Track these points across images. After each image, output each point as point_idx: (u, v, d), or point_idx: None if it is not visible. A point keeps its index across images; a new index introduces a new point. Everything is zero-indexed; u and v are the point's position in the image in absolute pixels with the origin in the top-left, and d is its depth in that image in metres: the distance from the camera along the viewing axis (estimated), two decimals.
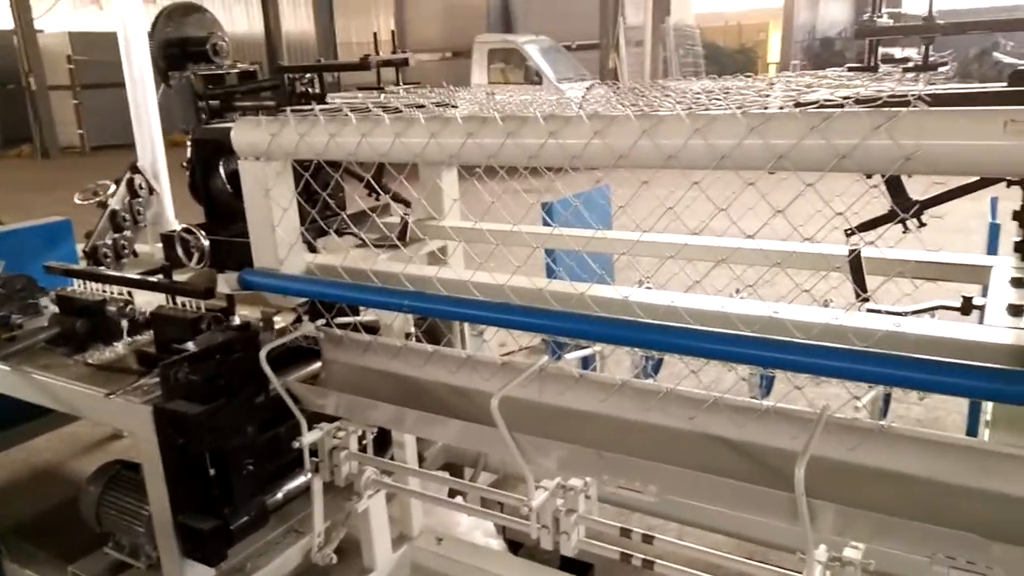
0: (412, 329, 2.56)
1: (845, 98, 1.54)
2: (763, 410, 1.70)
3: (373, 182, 2.62)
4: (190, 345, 2.25)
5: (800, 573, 1.62)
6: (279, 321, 2.66)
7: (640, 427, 1.85)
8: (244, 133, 2.29)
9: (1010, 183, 1.75)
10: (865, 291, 1.92)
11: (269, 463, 2.37)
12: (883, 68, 1.81)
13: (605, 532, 1.96)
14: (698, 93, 1.96)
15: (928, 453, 1.56)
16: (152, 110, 4.01)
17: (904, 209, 1.81)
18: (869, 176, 1.70)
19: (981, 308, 1.84)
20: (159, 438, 2.20)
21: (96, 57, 20.15)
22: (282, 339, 2.28)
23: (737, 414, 1.74)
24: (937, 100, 1.48)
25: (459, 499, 2.52)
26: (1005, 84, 1.69)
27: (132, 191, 3.52)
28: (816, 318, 1.65)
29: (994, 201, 3.36)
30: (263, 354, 2.20)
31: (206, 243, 2.67)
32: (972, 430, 3.18)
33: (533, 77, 14.70)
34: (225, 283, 2.36)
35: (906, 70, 1.71)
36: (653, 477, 1.73)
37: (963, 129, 1.36)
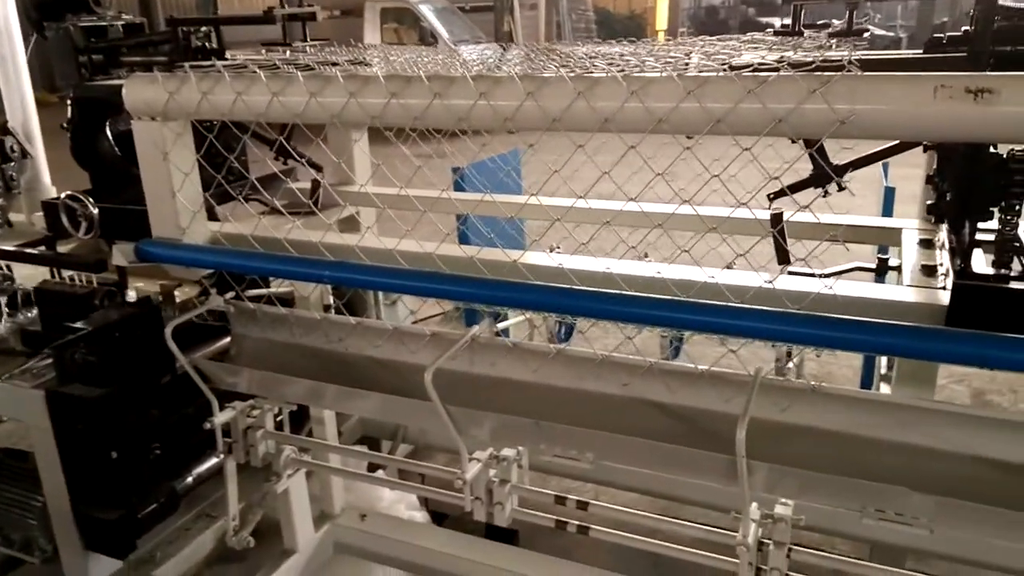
0: (331, 300, 2.45)
1: (778, 62, 1.54)
2: (697, 374, 1.71)
3: (285, 144, 2.46)
4: (88, 322, 2.07)
5: (734, 532, 1.65)
6: (180, 294, 2.50)
7: (575, 395, 1.83)
8: (138, 90, 2.09)
9: (926, 147, 1.81)
10: (787, 255, 1.96)
11: (178, 446, 2.23)
12: (808, 33, 1.83)
13: (539, 501, 1.94)
14: (626, 56, 1.93)
15: (855, 410, 1.61)
16: (21, 64, 3.64)
17: (825, 173, 1.84)
18: (794, 141, 1.73)
19: (895, 269, 1.91)
20: (54, 425, 2.02)
21: None
22: (188, 314, 2.13)
23: (671, 379, 1.74)
24: (866, 66, 1.50)
25: (382, 473, 2.45)
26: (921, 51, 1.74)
27: (3, 154, 3.19)
28: (748, 282, 1.67)
29: (885, 166, 3.52)
30: (168, 331, 2.05)
31: (95, 211, 2.45)
32: (866, 383, 3.35)
33: (428, 38, 14.37)
34: (120, 255, 2.18)
35: (831, 35, 1.74)
36: (590, 444, 1.72)
37: (896, 94, 1.39)
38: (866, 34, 1.72)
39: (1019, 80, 1.31)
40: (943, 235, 1.94)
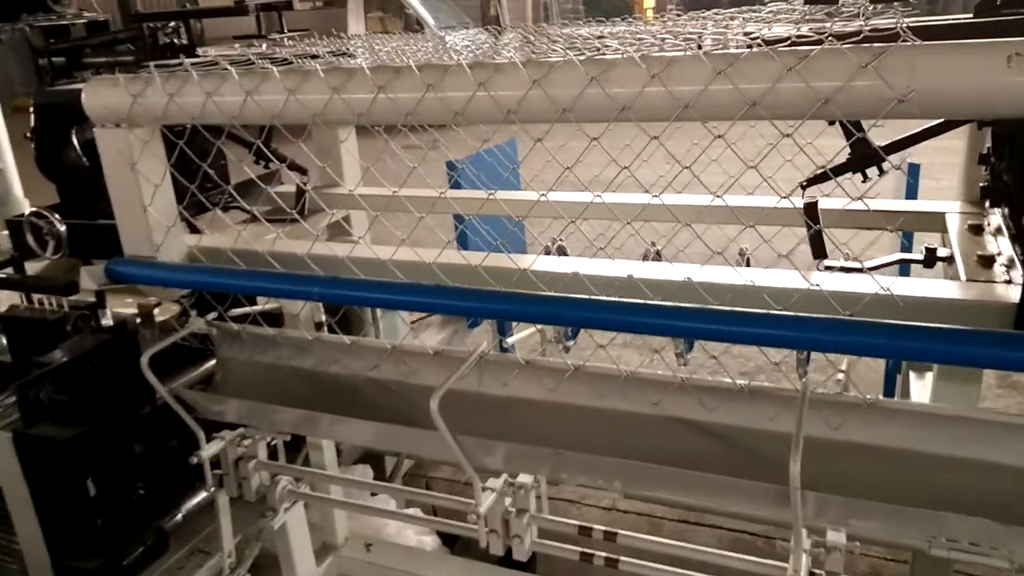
0: (323, 317, 2.26)
1: (818, 34, 1.35)
2: (736, 390, 1.53)
3: (263, 147, 2.26)
4: (56, 354, 1.88)
5: (783, 564, 1.48)
6: (160, 314, 2.30)
7: (599, 414, 1.64)
8: (98, 95, 1.89)
9: (981, 123, 1.62)
10: (823, 248, 1.78)
11: (165, 482, 2.05)
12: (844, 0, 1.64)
13: (561, 531, 1.77)
14: (640, 35, 1.73)
15: (916, 425, 1.43)
16: None
17: (866, 156, 1.65)
18: (831, 123, 1.54)
19: (945, 260, 1.72)
20: (24, 469, 1.83)
21: None
22: (166, 340, 1.93)
23: (706, 395, 1.56)
24: (917, 34, 1.30)
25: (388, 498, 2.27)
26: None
27: None
28: (791, 283, 1.48)
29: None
30: (145, 360, 1.86)
31: (63, 228, 2.26)
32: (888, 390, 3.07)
33: (414, 25, 14.05)
34: (88, 277, 1.98)
35: (875, 2, 1.55)
36: (619, 473, 1.54)
37: (962, 66, 1.19)
38: None
39: None
40: (996, 219, 1.75)
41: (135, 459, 1.95)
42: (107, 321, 2.17)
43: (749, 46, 1.34)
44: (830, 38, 1.28)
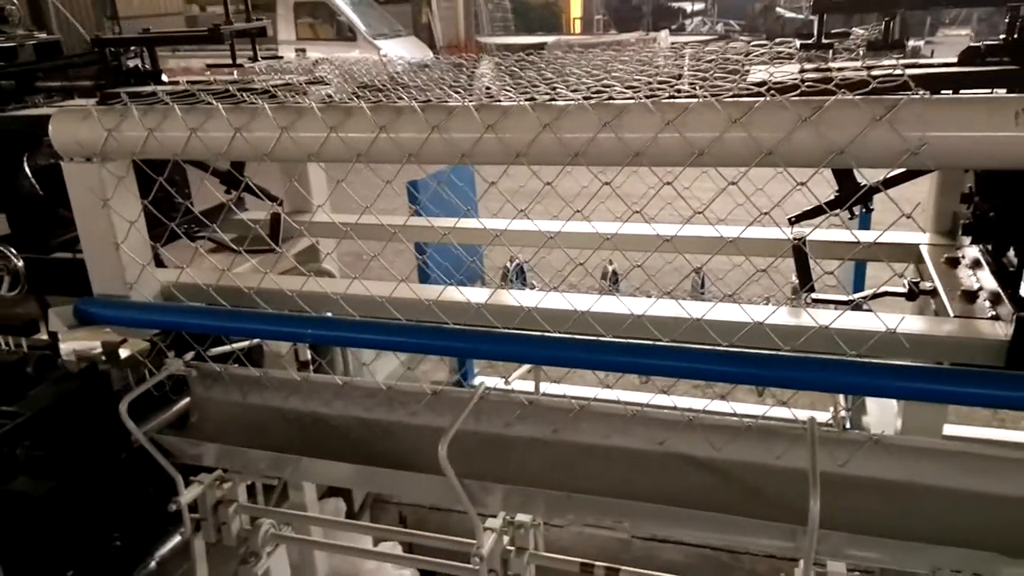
0: (309, 355, 2.19)
1: (825, 81, 1.38)
2: (742, 428, 1.55)
3: (236, 173, 2.18)
4: (27, 403, 1.76)
5: None
6: (127, 349, 2.19)
7: (604, 452, 1.64)
8: (68, 128, 1.79)
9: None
10: (811, 282, 1.82)
11: (141, 529, 1.95)
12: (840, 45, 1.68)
13: (562, 568, 1.76)
14: (639, 74, 1.74)
15: (920, 460, 1.48)
16: None
17: (852, 194, 1.70)
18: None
19: (928, 293, 1.79)
20: None
21: None
22: (145, 385, 1.84)
23: (712, 433, 1.58)
24: (919, 82, 1.35)
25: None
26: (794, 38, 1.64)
27: None
28: (802, 321, 1.51)
29: None
30: (124, 407, 1.77)
31: (19, 263, 2.13)
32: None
33: (346, 33, 13.89)
34: (57, 319, 1.87)
35: (870, 47, 1.59)
36: (628, 514, 1.54)
37: (973, 120, 1.24)
38: (907, 45, 1.59)
39: None
40: (972, 252, 1.83)
41: (111, 509, 1.85)
42: (67, 353, 2.06)
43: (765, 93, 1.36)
44: (841, 89, 1.31)
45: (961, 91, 1.45)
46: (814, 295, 1.85)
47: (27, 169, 2.24)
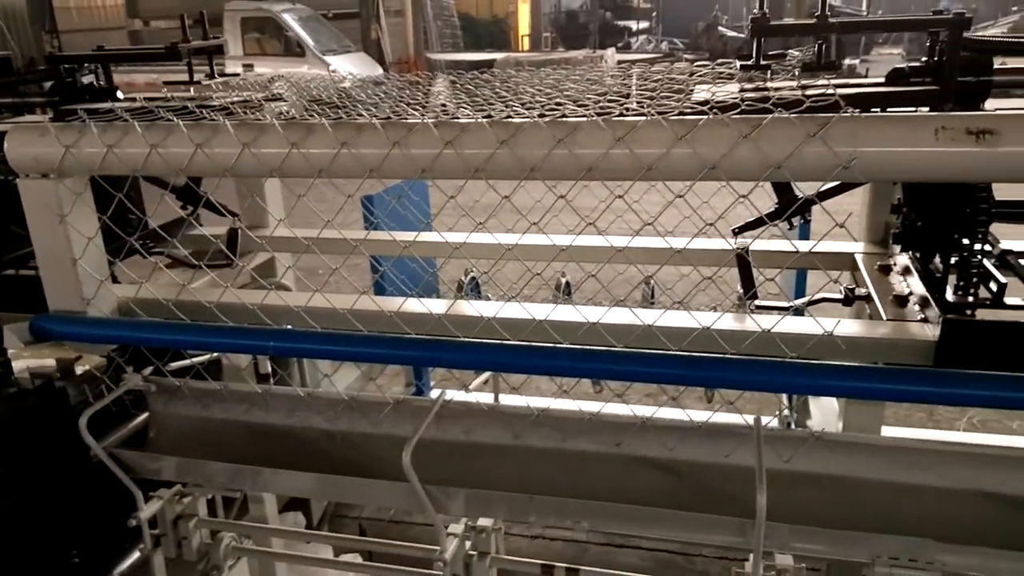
0: (269, 368, 2.20)
1: (763, 99, 1.47)
2: (693, 428, 1.63)
3: (193, 186, 2.19)
4: None
5: None
6: (82, 365, 2.18)
7: (563, 455, 1.70)
8: (23, 144, 1.79)
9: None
10: (753, 289, 1.92)
11: (100, 546, 1.94)
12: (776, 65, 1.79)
13: (524, 571, 1.81)
14: (599, 95, 1.82)
15: (860, 455, 1.57)
16: None
17: (789, 206, 1.80)
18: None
19: (863, 299, 1.90)
20: None
21: None
22: (105, 400, 1.84)
23: (665, 435, 1.65)
24: (849, 101, 1.45)
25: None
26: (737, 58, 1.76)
27: None
28: (741, 326, 1.60)
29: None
30: (84, 422, 1.77)
31: None
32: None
33: (294, 49, 13.82)
34: (12, 335, 1.86)
35: (806, 68, 1.70)
36: (587, 514, 1.60)
37: (898, 136, 1.35)
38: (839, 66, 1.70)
39: (1020, 120, 1.30)
40: (902, 260, 1.95)
41: (70, 525, 1.84)
42: (19, 369, 2.04)
43: (706, 112, 1.44)
44: (778, 108, 1.41)
45: (888, 109, 1.57)
46: (757, 302, 1.95)
47: None
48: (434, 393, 2.35)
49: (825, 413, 2.32)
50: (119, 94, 2.19)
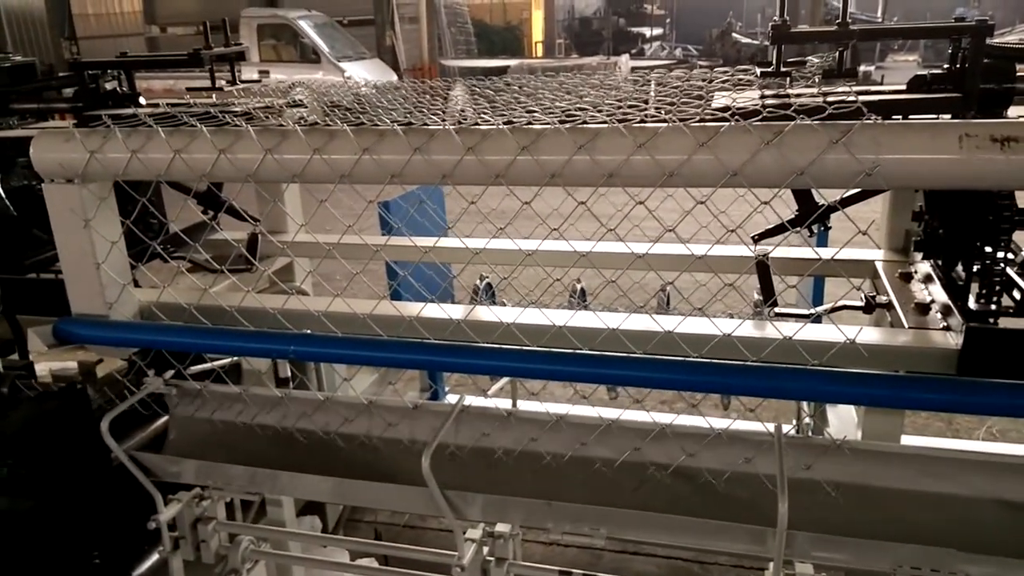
0: (289, 372, 2.22)
1: (784, 106, 1.47)
2: (713, 435, 1.62)
3: (215, 190, 2.21)
4: (8, 423, 1.77)
5: None
6: (103, 368, 2.20)
7: (581, 462, 1.70)
8: (49, 149, 1.81)
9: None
10: (773, 296, 1.91)
11: (121, 547, 1.95)
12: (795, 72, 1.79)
13: None
14: (618, 101, 1.82)
15: (882, 463, 1.57)
16: None
17: (810, 213, 1.79)
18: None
19: (883, 306, 1.89)
20: None
21: None
22: (126, 403, 1.86)
23: (685, 441, 1.65)
24: (871, 108, 1.45)
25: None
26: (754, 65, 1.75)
27: None
28: (767, 333, 1.59)
29: None
30: (105, 426, 1.78)
31: None
32: None
33: (310, 55, 13.91)
34: (37, 339, 1.88)
35: (826, 75, 1.70)
36: (605, 520, 1.60)
37: (921, 144, 1.34)
38: (859, 72, 1.69)
39: None
40: (924, 268, 1.94)
41: (91, 526, 1.85)
42: (42, 373, 2.06)
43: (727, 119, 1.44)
44: (800, 114, 1.40)
45: (910, 116, 1.56)
46: (777, 309, 1.94)
47: (0, 191, 2.25)
48: (451, 398, 2.35)
49: (843, 421, 2.31)
50: (142, 100, 2.21)
